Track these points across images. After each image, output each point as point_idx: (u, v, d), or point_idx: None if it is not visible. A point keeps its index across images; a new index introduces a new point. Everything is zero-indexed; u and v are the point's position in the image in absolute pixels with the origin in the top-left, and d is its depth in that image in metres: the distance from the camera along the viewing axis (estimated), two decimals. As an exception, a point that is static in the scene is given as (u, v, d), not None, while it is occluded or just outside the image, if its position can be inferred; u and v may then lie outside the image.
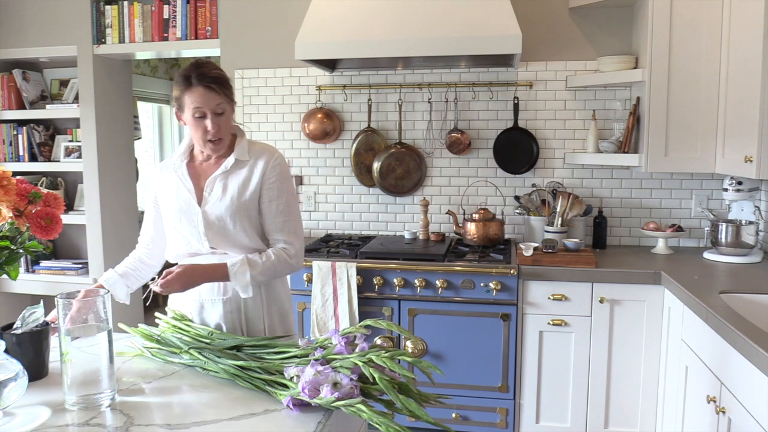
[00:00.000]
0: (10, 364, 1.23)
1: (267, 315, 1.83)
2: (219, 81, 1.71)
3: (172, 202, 1.79)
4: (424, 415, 1.17)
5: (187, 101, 1.71)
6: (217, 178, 1.77)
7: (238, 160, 1.78)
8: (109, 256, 3.69)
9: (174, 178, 1.81)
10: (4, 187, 1.33)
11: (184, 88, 1.71)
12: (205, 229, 1.75)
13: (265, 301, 1.82)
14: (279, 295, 1.87)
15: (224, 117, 1.73)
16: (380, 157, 3.29)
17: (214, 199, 1.76)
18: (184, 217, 1.77)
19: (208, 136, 1.73)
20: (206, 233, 1.75)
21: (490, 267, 2.67)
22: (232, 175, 1.78)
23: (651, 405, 2.64)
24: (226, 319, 1.78)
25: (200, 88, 1.68)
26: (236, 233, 1.76)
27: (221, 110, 1.71)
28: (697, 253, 2.89)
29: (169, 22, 3.40)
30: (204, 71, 1.70)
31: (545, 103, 3.16)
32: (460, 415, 2.77)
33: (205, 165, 1.82)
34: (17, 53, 3.61)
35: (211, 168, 1.81)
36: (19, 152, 3.71)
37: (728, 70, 2.56)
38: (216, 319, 1.79)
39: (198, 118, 1.71)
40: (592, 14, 3.06)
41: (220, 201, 1.75)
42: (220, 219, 1.74)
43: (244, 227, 1.76)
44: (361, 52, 2.74)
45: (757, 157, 2.27)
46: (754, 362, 1.60)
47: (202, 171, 1.82)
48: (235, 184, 1.76)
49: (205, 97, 1.69)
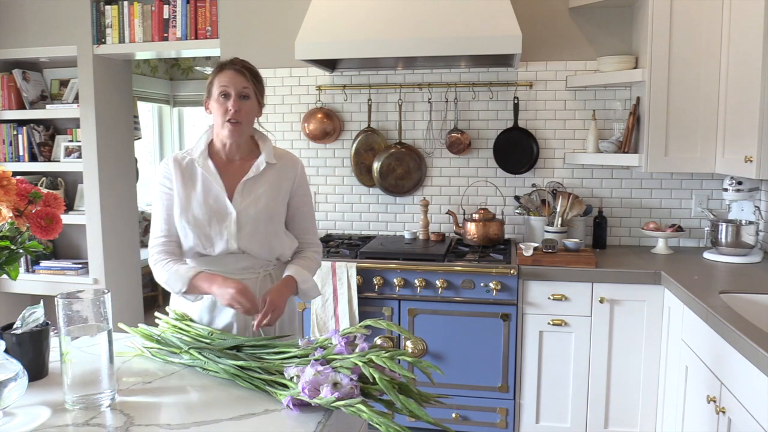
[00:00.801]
0: (10, 364, 1.23)
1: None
2: (251, 71, 1.77)
3: (198, 199, 1.75)
4: (424, 415, 1.17)
5: (215, 84, 1.74)
6: (250, 180, 1.77)
7: (268, 164, 1.80)
8: (109, 256, 3.69)
9: (197, 175, 1.77)
10: (4, 187, 1.33)
11: (216, 73, 1.76)
12: (237, 230, 1.74)
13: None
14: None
15: (248, 102, 1.74)
16: (380, 157, 3.29)
17: (250, 201, 1.76)
18: (215, 217, 1.74)
19: (228, 116, 1.72)
20: (237, 234, 1.74)
21: (490, 267, 2.67)
22: (263, 178, 1.79)
23: (651, 405, 2.64)
24: (237, 318, 1.78)
25: (230, 71, 1.74)
26: (266, 235, 1.78)
27: (246, 94, 1.73)
28: (697, 253, 2.89)
29: (169, 22, 3.41)
30: (238, 60, 1.78)
31: (545, 103, 3.16)
32: (460, 415, 2.77)
33: (231, 166, 1.80)
34: (17, 53, 3.62)
35: (238, 169, 1.79)
36: (19, 152, 3.71)
37: (728, 70, 2.56)
38: (227, 318, 1.78)
39: (222, 99, 1.73)
40: (592, 14, 3.06)
41: (255, 204, 1.76)
42: (255, 221, 1.75)
43: (275, 229, 1.80)
44: (361, 52, 2.74)
45: (757, 157, 2.27)
46: (754, 362, 1.60)
47: (229, 172, 1.79)
48: (268, 187, 1.79)
49: (232, 77, 1.73)
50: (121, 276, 3.83)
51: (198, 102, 6.39)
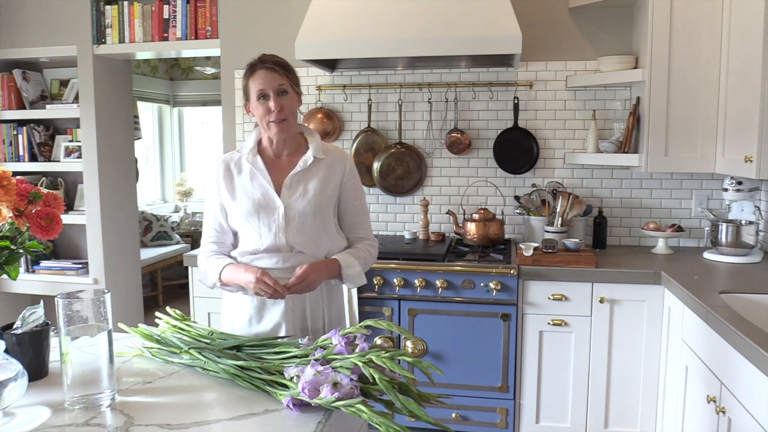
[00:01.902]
0: (10, 364, 1.23)
1: (327, 312, 1.84)
2: (282, 65, 1.76)
3: (247, 195, 1.78)
4: (424, 415, 1.17)
5: (252, 86, 1.75)
6: (297, 175, 1.78)
7: (316, 158, 1.80)
8: (109, 256, 3.70)
9: (246, 171, 1.80)
10: (4, 187, 1.33)
11: (249, 75, 1.76)
12: (285, 224, 1.75)
13: (326, 299, 1.83)
14: (337, 291, 1.89)
15: (288, 97, 1.75)
16: (380, 157, 3.29)
17: (297, 195, 1.77)
18: (262, 211, 1.76)
19: (271, 117, 1.73)
20: (285, 228, 1.75)
21: (490, 267, 2.67)
22: (311, 172, 1.79)
23: (651, 405, 2.64)
24: (287, 317, 1.78)
25: (262, 71, 1.73)
26: (315, 229, 1.78)
27: (283, 89, 1.74)
28: (697, 253, 2.89)
29: (169, 22, 3.41)
30: (266, 57, 1.76)
31: (545, 103, 3.16)
32: (460, 415, 2.77)
33: (278, 161, 1.82)
34: (17, 53, 3.62)
35: (285, 164, 1.81)
36: (19, 152, 3.71)
37: (728, 70, 2.56)
38: (276, 317, 1.78)
39: (261, 101, 1.74)
40: (592, 14, 3.06)
41: (303, 197, 1.76)
42: (303, 215, 1.76)
43: (323, 223, 1.79)
44: (361, 52, 2.74)
45: (757, 157, 2.27)
46: (754, 362, 1.60)
47: (277, 167, 1.81)
48: (316, 181, 1.79)
49: (267, 77, 1.73)
50: (121, 276, 3.83)
51: (198, 102, 6.39)
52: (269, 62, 1.74)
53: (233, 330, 1.82)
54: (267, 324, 1.79)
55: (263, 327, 1.79)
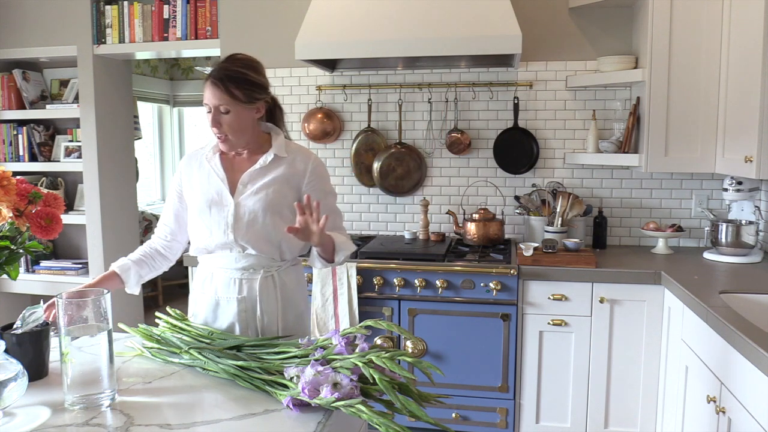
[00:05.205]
0: (10, 364, 1.23)
1: (282, 317, 1.80)
2: (230, 78, 1.67)
3: (202, 191, 1.78)
4: (424, 415, 1.17)
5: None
6: (254, 172, 1.77)
7: (276, 156, 1.77)
8: (109, 256, 3.69)
9: (205, 169, 1.80)
10: (4, 187, 1.33)
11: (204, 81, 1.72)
12: (234, 221, 1.74)
13: (280, 303, 1.80)
14: (295, 296, 1.84)
15: (230, 116, 1.69)
16: (380, 157, 3.29)
17: (249, 192, 1.75)
18: (214, 207, 1.75)
19: (213, 131, 1.72)
20: (234, 225, 1.74)
21: (490, 267, 2.67)
22: (269, 171, 1.77)
23: (651, 405, 2.64)
24: (240, 318, 1.77)
25: (208, 84, 1.69)
26: (264, 227, 1.74)
27: (225, 110, 1.68)
28: (697, 253, 2.89)
29: (169, 22, 3.41)
30: (222, 66, 1.71)
31: (545, 103, 3.16)
32: (460, 415, 2.77)
33: (239, 159, 1.81)
34: (17, 53, 3.62)
35: (245, 162, 1.80)
36: (19, 152, 3.71)
37: (728, 69, 2.56)
38: (230, 318, 1.78)
39: (208, 114, 1.72)
40: (592, 14, 3.06)
41: (255, 194, 1.74)
42: (252, 212, 1.73)
43: (275, 222, 1.74)
44: (361, 52, 2.74)
45: (757, 157, 2.27)
46: (754, 362, 1.60)
47: (236, 164, 1.80)
48: (273, 179, 1.76)
49: (209, 93, 1.69)
50: (121, 276, 3.82)
51: (198, 102, 6.39)
52: (216, 75, 1.68)
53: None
54: (221, 323, 1.78)
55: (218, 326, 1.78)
